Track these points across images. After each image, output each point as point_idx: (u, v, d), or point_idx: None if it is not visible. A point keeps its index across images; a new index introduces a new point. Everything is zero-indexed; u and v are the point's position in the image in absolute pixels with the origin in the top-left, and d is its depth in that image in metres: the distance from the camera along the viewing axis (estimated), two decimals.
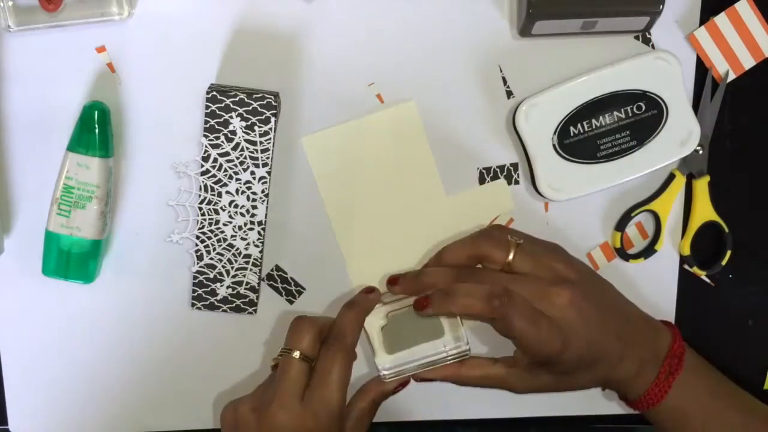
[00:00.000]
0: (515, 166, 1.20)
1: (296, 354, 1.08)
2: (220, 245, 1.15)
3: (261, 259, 1.16)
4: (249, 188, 1.14)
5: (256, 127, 1.12)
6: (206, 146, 1.13)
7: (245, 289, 1.17)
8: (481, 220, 1.21)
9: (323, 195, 1.19)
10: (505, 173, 1.20)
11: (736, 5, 1.18)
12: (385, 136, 1.19)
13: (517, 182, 1.21)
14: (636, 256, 1.23)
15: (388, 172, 1.20)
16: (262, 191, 1.14)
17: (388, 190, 1.20)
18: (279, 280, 1.21)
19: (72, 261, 1.13)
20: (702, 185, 1.21)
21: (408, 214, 1.20)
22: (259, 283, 1.17)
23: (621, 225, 1.22)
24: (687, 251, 1.22)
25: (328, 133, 1.18)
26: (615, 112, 1.17)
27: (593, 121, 1.16)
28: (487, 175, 1.20)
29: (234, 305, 1.17)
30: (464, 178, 1.20)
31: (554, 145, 1.16)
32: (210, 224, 1.15)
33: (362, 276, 1.21)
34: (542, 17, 1.12)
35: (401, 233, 1.21)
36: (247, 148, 1.13)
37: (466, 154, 1.20)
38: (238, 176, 1.14)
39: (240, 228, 1.15)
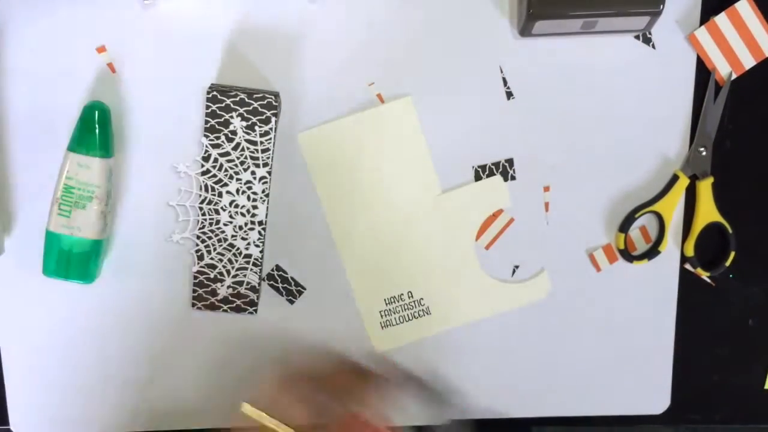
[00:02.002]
0: (510, 161, 1.20)
1: None
2: (220, 245, 1.16)
3: (261, 259, 1.16)
4: (249, 188, 1.14)
5: (256, 127, 1.13)
6: (207, 146, 1.13)
7: (246, 289, 1.17)
8: (478, 216, 1.21)
9: (319, 191, 1.19)
10: (501, 170, 1.21)
11: (736, 5, 1.18)
12: (381, 131, 1.19)
13: (513, 178, 1.21)
14: (639, 258, 1.22)
15: (384, 167, 1.20)
16: (263, 191, 1.14)
17: (384, 185, 1.20)
18: (279, 280, 1.21)
19: (72, 261, 1.14)
20: (706, 186, 1.21)
21: (404, 210, 1.20)
22: (259, 283, 1.17)
23: (625, 226, 1.22)
24: (691, 252, 1.22)
25: (324, 129, 1.18)
26: None
27: None
28: (482, 172, 1.20)
29: (234, 305, 1.17)
30: (460, 174, 1.21)
31: None
32: (210, 224, 1.15)
33: (358, 272, 1.22)
34: (542, 17, 1.12)
35: (397, 229, 1.21)
36: (248, 148, 1.13)
37: (463, 152, 1.20)
38: (238, 176, 1.14)
39: (240, 228, 1.15)
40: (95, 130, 1.12)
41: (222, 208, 1.15)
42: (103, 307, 1.21)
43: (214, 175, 1.14)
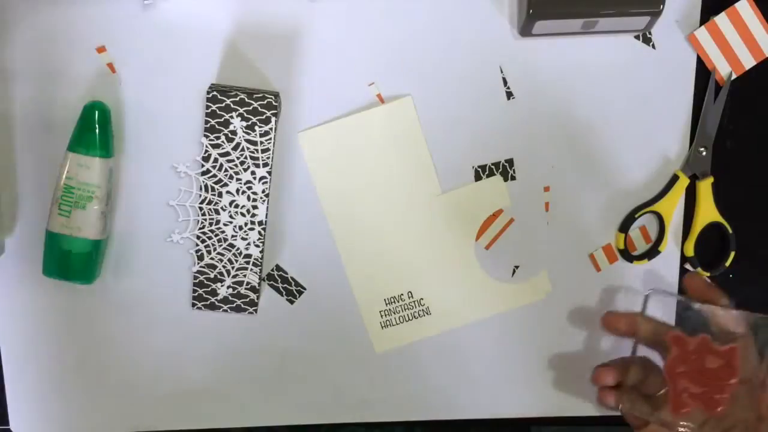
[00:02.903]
0: (510, 162, 1.20)
1: None
2: (220, 245, 1.16)
3: (261, 259, 1.16)
4: (249, 188, 1.14)
5: (256, 127, 1.13)
6: (207, 146, 1.13)
7: (246, 289, 1.17)
8: (478, 216, 1.21)
9: (319, 191, 1.20)
10: (500, 170, 1.20)
11: (737, 5, 1.18)
12: (381, 131, 1.19)
13: (513, 178, 1.21)
14: (639, 258, 1.23)
15: (384, 167, 1.20)
16: (263, 191, 1.14)
17: (384, 185, 1.20)
18: (279, 280, 1.21)
19: (72, 261, 1.14)
20: (706, 186, 1.21)
21: (404, 209, 1.21)
22: (259, 283, 1.17)
23: (625, 226, 1.22)
24: (691, 252, 1.22)
25: (325, 129, 1.19)
26: None
27: None
28: (482, 172, 1.20)
29: (234, 305, 1.17)
30: (460, 174, 1.21)
31: None
32: (210, 224, 1.15)
33: (358, 272, 1.22)
34: (543, 17, 1.12)
35: (397, 229, 1.21)
36: (248, 148, 1.13)
37: (463, 152, 1.20)
38: (238, 176, 1.14)
39: (240, 228, 1.15)
40: (95, 130, 1.12)
41: (222, 208, 1.15)
42: (103, 307, 1.21)
43: (214, 175, 1.14)
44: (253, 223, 1.15)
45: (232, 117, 1.12)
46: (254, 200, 1.14)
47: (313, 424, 1.25)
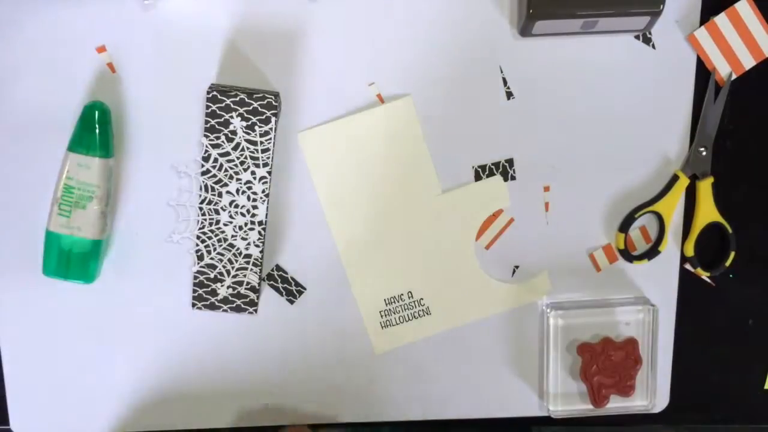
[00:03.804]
0: (510, 161, 1.20)
1: None
2: (220, 245, 1.15)
3: (261, 259, 1.16)
4: (249, 188, 1.14)
5: (256, 127, 1.13)
6: (207, 146, 1.13)
7: (246, 289, 1.17)
8: (478, 216, 1.21)
9: (319, 191, 1.19)
10: (501, 170, 1.20)
11: (736, 5, 1.18)
12: (381, 131, 1.19)
13: (513, 178, 1.21)
14: (639, 258, 1.22)
15: (385, 167, 1.20)
16: (263, 191, 1.14)
17: (384, 185, 1.20)
18: (279, 280, 1.21)
19: (72, 261, 1.14)
20: (706, 186, 1.21)
21: (404, 209, 1.20)
22: (259, 283, 1.17)
23: (625, 226, 1.22)
24: (691, 252, 1.22)
25: (325, 129, 1.18)
26: None
27: None
28: (482, 172, 1.20)
29: (234, 305, 1.17)
30: (460, 174, 1.21)
31: None
32: (210, 224, 1.15)
33: (358, 272, 1.22)
34: (543, 17, 1.12)
35: (397, 229, 1.21)
36: (248, 148, 1.13)
37: (463, 152, 1.20)
38: (238, 176, 1.14)
39: (240, 228, 1.15)
40: (95, 130, 1.12)
41: (222, 208, 1.15)
42: (103, 307, 1.20)
43: (214, 175, 1.14)
44: (253, 223, 1.15)
45: (232, 117, 1.12)
46: (254, 200, 1.14)
47: (314, 424, 1.25)
